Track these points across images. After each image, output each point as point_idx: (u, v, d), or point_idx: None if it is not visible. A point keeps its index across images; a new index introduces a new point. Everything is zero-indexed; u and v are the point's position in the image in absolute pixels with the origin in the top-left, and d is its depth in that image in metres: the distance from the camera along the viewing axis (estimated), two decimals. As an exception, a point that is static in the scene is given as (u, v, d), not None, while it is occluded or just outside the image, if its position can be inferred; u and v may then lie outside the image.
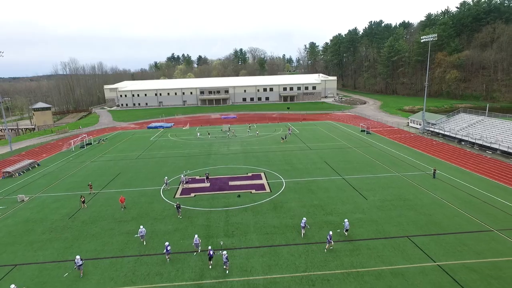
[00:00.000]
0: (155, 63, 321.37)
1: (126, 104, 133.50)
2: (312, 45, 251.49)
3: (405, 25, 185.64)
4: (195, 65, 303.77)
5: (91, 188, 41.34)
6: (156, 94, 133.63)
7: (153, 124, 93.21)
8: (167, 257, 24.85)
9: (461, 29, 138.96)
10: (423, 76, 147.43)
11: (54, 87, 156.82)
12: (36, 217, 34.19)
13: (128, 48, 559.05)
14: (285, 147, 61.46)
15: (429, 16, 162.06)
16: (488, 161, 48.80)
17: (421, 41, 76.56)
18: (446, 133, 64.39)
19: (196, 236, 26.45)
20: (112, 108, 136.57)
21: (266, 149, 60.79)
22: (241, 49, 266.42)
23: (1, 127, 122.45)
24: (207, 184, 41.75)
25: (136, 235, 28.39)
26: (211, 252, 23.84)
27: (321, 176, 43.73)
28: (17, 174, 49.56)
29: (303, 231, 28.02)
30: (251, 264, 24.29)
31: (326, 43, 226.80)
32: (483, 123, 62.03)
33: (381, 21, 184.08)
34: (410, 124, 79.59)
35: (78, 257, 23.50)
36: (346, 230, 27.65)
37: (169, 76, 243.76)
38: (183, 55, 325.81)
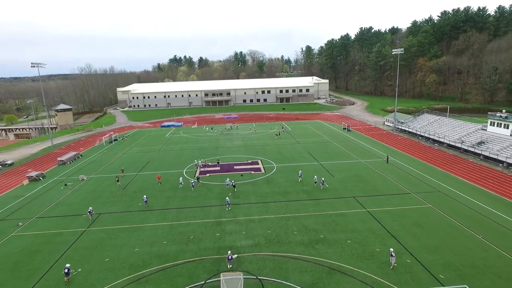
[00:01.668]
0: (158, 64, 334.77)
1: (138, 106, 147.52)
2: (308, 48, 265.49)
3: (394, 31, 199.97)
4: (196, 66, 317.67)
5: (122, 171, 55.34)
6: (164, 96, 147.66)
7: (166, 123, 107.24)
8: (192, 189, 45.56)
9: (441, 37, 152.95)
10: (407, 79, 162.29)
11: (70, 88, 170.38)
12: (98, 189, 48.29)
13: (128, 48, 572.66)
14: (278, 142, 75.61)
15: (414, 23, 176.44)
16: (434, 152, 63.00)
17: (393, 53, 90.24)
18: (410, 130, 78.54)
19: (227, 179, 46.53)
20: (124, 109, 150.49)
21: (263, 143, 74.93)
22: (241, 52, 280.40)
23: (27, 126, 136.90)
24: (218, 168, 55.93)
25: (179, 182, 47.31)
26: (234, 184, 44.91)
27: (304, 162, 57.83)
28: (68, 162, 63.67)
29: (300, 179, 47.39)
30: (251, 211, 38.43)
31: (321, 47, 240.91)
32: (439, 122, 76.18)
33: (371, 28, 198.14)
34: (386, 123, 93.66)
35: (144, 196, 39.74)
36: (322, 183, 44.90)
37: (173, 77, 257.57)
38: (184, 56, 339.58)
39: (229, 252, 27.82)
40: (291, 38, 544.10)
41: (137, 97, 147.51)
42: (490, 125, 60.80)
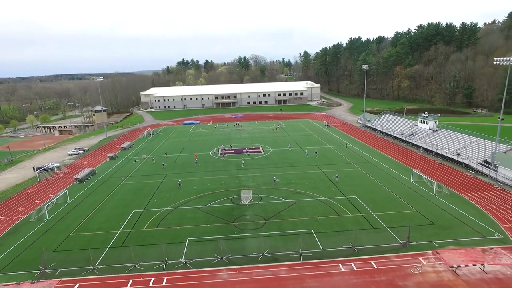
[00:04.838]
0: (167, 67, 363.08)
1: (159, 107, 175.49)
2: (306, 54, 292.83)
3: (380, 40, 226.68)
4: (203, 68, 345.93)
5: (166, 154, 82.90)
6: (181, 99, 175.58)
7: (186, 121, 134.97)
8: (220, 155, 71.22)
9: (416, 48, 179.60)
10: (388, 84, 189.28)
11: (93, 90, 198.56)
12: (157, 163, 75.92)
13: (127, 47, 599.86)
14: (274, 135, 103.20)
15: (396, 35, 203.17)
16: (382, 141, 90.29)
17: (362, 68, 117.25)
18: (372, 126, 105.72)
19: (246, 148, 73.62)
20: (147, 110, 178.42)
21: (263, 135, 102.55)
22: (244, 57, 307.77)
23: (70, 124, 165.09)
24: (232, 150, 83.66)
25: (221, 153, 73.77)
26: (245, 150, 71.74)
27: (290, 147, 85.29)
28: (128, 148, 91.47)
29: (290, 148, 75.97)
30: (255, 172, 66.07)
31: (317, 53, 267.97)
32: (393, 120, 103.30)
33: (359, 37, 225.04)
34: (358, 121, 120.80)
35: (196, 159, 66.82)
36: (316, 153, 72.14)
37: (183, 80, 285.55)
38: (192, 60, 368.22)
39: (274, 177, 57.86)
40: (291, 38, 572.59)
41: (159, 100, 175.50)
42: (420, 122, 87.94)
